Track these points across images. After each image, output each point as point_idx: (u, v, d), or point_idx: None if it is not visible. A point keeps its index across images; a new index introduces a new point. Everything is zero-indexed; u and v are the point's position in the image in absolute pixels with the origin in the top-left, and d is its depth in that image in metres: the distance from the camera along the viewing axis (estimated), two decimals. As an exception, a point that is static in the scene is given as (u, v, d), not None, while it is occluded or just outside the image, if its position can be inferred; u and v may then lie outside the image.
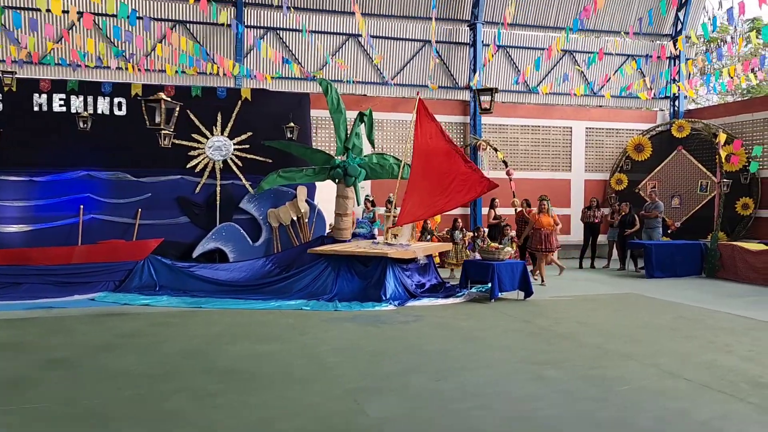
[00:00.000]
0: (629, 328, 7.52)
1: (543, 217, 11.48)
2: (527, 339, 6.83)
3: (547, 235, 11.40)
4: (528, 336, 6.99)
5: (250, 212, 11.51)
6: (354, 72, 15.19)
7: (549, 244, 11.44)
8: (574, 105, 17.14)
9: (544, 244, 11.39)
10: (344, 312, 8.47)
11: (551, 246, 11.50)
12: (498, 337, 6.92)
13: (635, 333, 7.21)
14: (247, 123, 11.43)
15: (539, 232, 11.42)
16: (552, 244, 11.49)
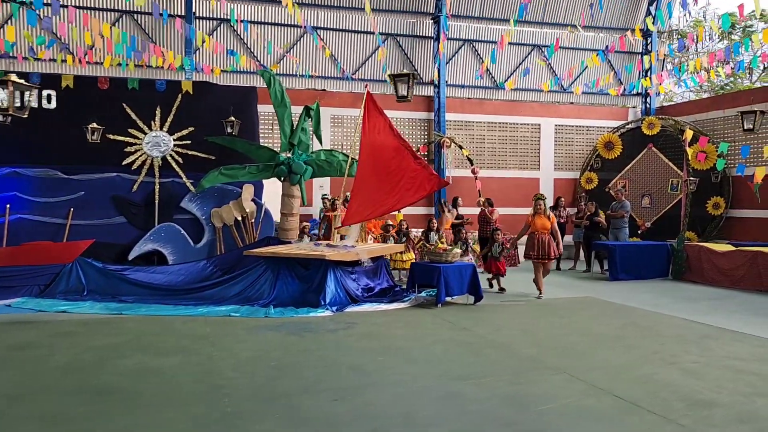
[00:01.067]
0: (573, 336, 6.99)
1: (537, 219, 9.75)
2: (457, 350, 6.28)
3: (542, 241, 9.67)
4: (459, 346, 6.44)
5: (191, 212, 10.90)
6: (313, 66, 14.62)
7: (544, 251, 9.66)
8: (543, 101, 16.65)
9: (538, 251, 9.70)
10: (275, 319, 7.89)
11: (547, 253, 9.67)
12: (426, 347, 6.37)
13: (577, 342, 6.68)
14: (189, 117, 10.82)
15: (533, 237, 9.79)
16: (550, 251, 9.68)
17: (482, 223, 12.93)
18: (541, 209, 9.81)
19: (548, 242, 9.69)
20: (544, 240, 9.68)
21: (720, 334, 7.14)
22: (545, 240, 9.69)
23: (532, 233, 9.84)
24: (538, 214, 9.81)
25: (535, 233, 9.76)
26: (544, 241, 9.67)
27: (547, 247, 9.67)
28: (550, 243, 9.70)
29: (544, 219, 9.77)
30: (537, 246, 9.68)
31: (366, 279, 9.91)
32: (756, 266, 10.65)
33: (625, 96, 17.25)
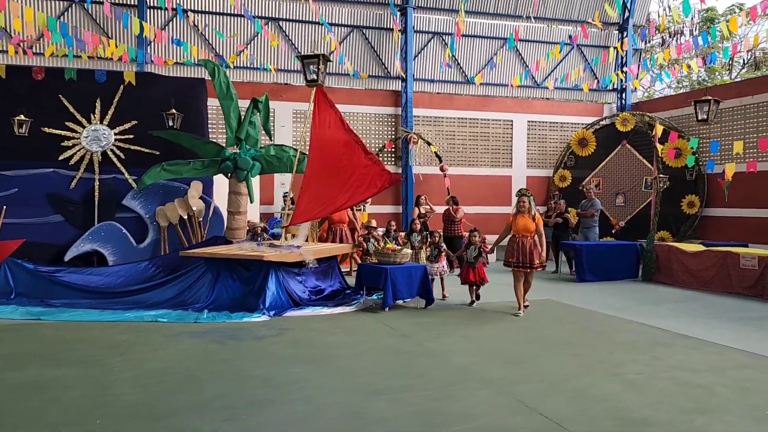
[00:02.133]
0: (519, 343, 6.51)
1: (520, 219, 8.14)
2: (388, 359, 5.77)
3: (523, 245, 8.03)
4: (392, 355, 5.93)
5: (135, 210, 10.33)
6: (275, 59, 14.07)
7: (525, 258, 8.03)
8: (515, 97, 16.16)
9: (518, 257, 8.07)
10: (204, 324, 7.35)
11: (528, 260, 8.04)
12: (355, 356, 5.86)
13: (521, 350, 6.19)
14: (132, 110, 10.25)
15: (513, 240, 8.18)
16: (532, 258, 8.04)
17: (446, 223, 12.42)
18: (525, 207, 8.09)
19: (530, 247, 8.01)
20: (525, 244, 8.02)
21: (675, 340, 6.67)
22: (527, 245, 8.02)
23: (513, 236, 8.19)
24: (521, 213, 8.13)
25: (516, 236, 8.12)
26: (525, 246, 8.02)
27: (528, 253, 8.01)
28: (533, 249, 8.04)
29: (527, 219, 8.05)
30: (517, 251, 8.07)
31: (315, 281, 9.40)
32: (726, 267, 10.21)
33: (600, 92, 16.81)
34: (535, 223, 8.12)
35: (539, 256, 8.10)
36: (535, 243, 8.08)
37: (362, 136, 14.69)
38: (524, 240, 8.06)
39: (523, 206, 8.12)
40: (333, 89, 14.49)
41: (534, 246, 8.07)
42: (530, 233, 8.08)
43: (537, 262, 8.07)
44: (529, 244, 8.06)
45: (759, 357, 5.97)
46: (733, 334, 7.03)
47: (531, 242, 8.07)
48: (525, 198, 8.16)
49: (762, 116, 12.97)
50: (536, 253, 8.06)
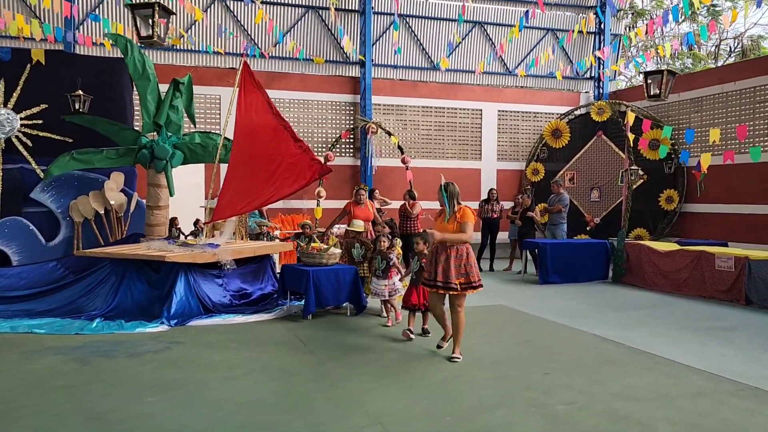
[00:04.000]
0: (438, 362, 5.50)
1: (438, 224, 5.66)
2: (265, 386, 4.75)
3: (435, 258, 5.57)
4: (275, 379, 4.91)
5: (45, 204, 9.30)
6: (223, 42, 13.00)
7: (440, 274, 5.47)
8: (485, 84, 15.12)
9: (431, 272, 5.59)
10: (86, 337, 6.33)
11: (447, 277, 5.48)
12: (229, 381, 4.84)
13: (437, 371, 5.19)
14: (41, 92, 9.21)
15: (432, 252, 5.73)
16: (451, 273, 5.46)
17: (402, 219, 11.42)
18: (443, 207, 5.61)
19: (452, 262, 5.42)
20: (441, 259, 5.46)
21: (628, 357, 5.68)
22: (448, 257, 5.43)
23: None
24: (440, 216, 5.66)
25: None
26: (440, 260, 5.46)
27: (449, 268, 5.41)
28: (452, 263, 5.42)
29: (447, 225, 5.49)
30: (432, 265, 5.58)
31: (240, 283, 8.39)
32: (699, 269, 9.23)
33: (577, 80, 15.79)
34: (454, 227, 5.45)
35: (470, 272, 5.50)
36: (463, 254, 5.48)
37: (317, 125, 13.69)
38: (447, 251, 5.45)
39: (441, 205, 5.61)
40: (285, 75, 13.48)
41: (454, 260, 5.44)
42: (457, 242, 5.46)
43: (457, 281, 5.42)
44: (453, 255, 5.45)
45: (719, 380, 4.97)
46: (697, 348, 6.04)
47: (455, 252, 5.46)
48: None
49: (744, 104, 11.99)
50: (470, 269, 5.49)
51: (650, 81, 7.98)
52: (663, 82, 7.67)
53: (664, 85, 7.71)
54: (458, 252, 5.43)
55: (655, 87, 7.81)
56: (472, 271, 5.49)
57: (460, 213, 5.50)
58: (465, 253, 5.47)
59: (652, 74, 8.06)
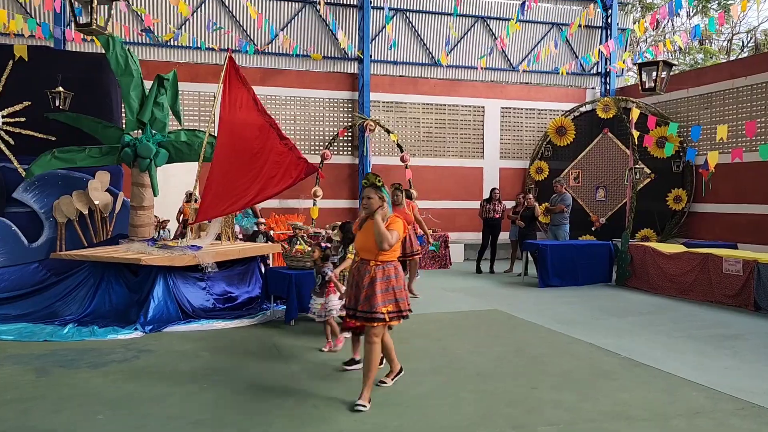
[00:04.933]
0: (420, 372, 5.15)
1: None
2: (229, 398, 4.44)
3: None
4: (236, 393, 4.60)
5: (28, 204, 9.04)
6: (218, 39, 12.71)
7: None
8: (488, 81, 14.72)
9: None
10: (52, 344, 6.05)
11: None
12: (186, 397, 4.53)
13: (414, 383, 4.84)
14: (24, 89, 8.94)
15: None
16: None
17: (398, 219, 11.07)
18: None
19: (378, 285, 4.32)
20: (365, 282, 4.36)
21: (624, 369, 5.30)
22: (373, 279, 4.34)
23: None
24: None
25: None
26: (363, 283, 4.37)
27: (375, 294, 4.30)
28: (377, 287, 4.31)
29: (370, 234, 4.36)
30: (352, 288, 4.49)
31: (225, 286, 8.09)
32: (706, 272, 8.81)
33: (583, 76, 15.35)
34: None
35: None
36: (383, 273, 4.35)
37: (315, 122, 13.37)
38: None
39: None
40: (282, 71, 13.17)
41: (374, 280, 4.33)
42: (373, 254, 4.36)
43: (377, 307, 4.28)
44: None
45: (719, 397, 4.59)
46: (698, 359, 5.65)
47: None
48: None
49: (756, 100, 11.51)
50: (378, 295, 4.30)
51: (645, 74, 7.52)
52: (658, 75, 7.22)
53: (660, 78, 7.26)
54: (385, 272, 4.30)
55: (650, 81, 7.36)
56: (402, 297, 4.35)
57: (390, 224, 4.29)
58: (393, 274, 4.34)
59: (647, 66, 7.58)
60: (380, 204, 4.28)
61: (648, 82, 7.45)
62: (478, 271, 11.73)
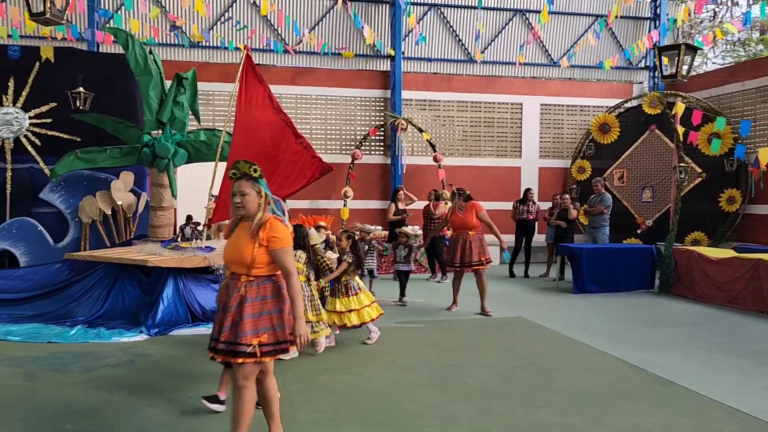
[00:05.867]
0: (417, 386, 4.78)
1: None
2: (202, 413, 4.19)
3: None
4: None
5: (54, 204, 9.15)
6: (245, 38, 12.62)
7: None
8: (526, 77, 14.13)
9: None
10: (56, 347, 5.98)
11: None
12: (170, 404, 4.31)
13: (407, 398, 4.48)
14: (51, 91, 9.05)
15: None
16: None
17: (426, 221, 10.72)
18: None
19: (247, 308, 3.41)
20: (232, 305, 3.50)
21: (646, 387, 4.78)
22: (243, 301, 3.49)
23: None
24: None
25: None
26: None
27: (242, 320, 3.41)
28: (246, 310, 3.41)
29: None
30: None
31: (241, 289, 7.89)
32: (757, 279, 8.07)
33: (630, 70, 14.56)
34: None
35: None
36: None
37: (346, 122, 13.12)
38: None
39: None
40: (312, 70, 12.98)
41: None
42: None
43: None
44: None
45: (754, 424, 4.05)
46: (737, 379, 5.06)
47: None
48: None
49: (820, 92, 10.57)
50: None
51: (667, 59, 6.83)
52: (680, 60, 6.54)
53: (681, 63, 6.57)
54: (260, 291, 3.26)
55: (671, 66, 6.69)
56: (280, 324, 3.27)
57: (270, 229, 3.26)
58: (272, 293, 3.29)
59: (667, 50, 6.84)
60: (260, 203, 3.32)
61: (670, 68, 6.79)
62: (511, 275, 11.22)
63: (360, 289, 6.05)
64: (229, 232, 3.44)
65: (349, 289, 5.99)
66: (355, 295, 5.98)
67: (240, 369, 3.21)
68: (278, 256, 3.24)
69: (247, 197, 3.28)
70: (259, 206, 3.29)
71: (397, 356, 5.68)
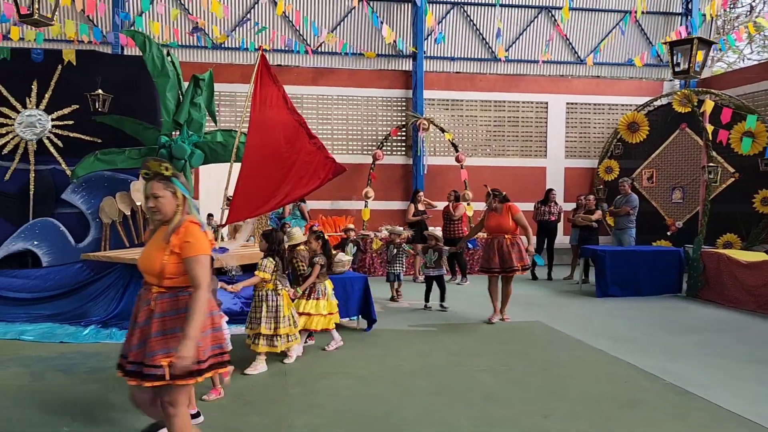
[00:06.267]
0: (420, 393, 4.66)
1: None
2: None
3: None
4: (206, 408, 4.30)
5: (76, 205, 9.26)
6: (269, 39, 12.64)
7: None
8: (552, 75, 13.83)
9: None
10: (69, 346, 6.06)
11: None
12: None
13: (408, 405, 4.36)
14: (73, 93, 9.15)
15: None
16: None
17: (445, 222, 10.58)
18: None
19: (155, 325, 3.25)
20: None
21: (660, 396, 4.57)
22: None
23: None
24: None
25: None
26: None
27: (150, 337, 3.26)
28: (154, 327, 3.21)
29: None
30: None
31: (255, 290, 7.87)
32: (789, 284, 7.72)
33: (660, 67, 14.14)
34: None
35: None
36: None
37: (367, 122, 13.04)
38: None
39: None
40: (333, 70, 12.93)
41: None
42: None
43: None
44: None
45: (771, 440, 3.82)
46: (757, 388, 4.82)
47: None
48: None
49: None
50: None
51: (677, 53, 6.49)
52: (692, 55, 6.21)
53: (693, 58, 6.24)
54: (172, 305, 2.94)
55: (684, 61, 6.36)
56: (199, 343, 2.89)
57: (184, 234, 2.93)
58: (185, 307, 2.89)
59: (678, 45, 6.46)
60: (177, 205, 3.00)
61: (683, 63, 6.46)
62: (534, 277, 10.98)
63: (324, 295, 5.82)
64: (147, 238, 3.11)
65: (313, 293, 5.77)
66: (315, 300, 5.76)
67: (168, 394, 2.90)
68: (188, 264, 2.86)
69: (161, 200, 2.95)
70: (177, 208, 2.98)
71: (404, 360, 5.56)
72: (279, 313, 5.21)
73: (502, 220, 7.25)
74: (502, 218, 7.27)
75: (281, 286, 5.31)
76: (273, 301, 5.23)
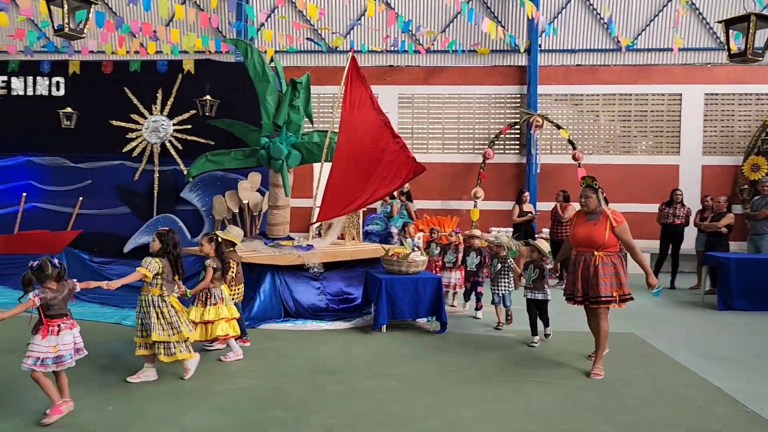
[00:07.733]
0: (447, 411, 4.44)
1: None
2: (207, 414, 4.28)
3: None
4: (224, 409, 4.42)
5: (192, 202, 10.08)
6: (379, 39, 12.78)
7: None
8: (686, 64, 12.51)
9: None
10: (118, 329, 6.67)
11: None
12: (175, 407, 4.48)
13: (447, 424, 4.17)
14: (191, 99, 9.98)
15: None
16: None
17: (553, 224, 10.03)
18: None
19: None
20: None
21: (735, 427, 3.94)
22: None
23: None
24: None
25: None
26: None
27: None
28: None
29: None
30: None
31: (343, 287, 8.03)
32: None
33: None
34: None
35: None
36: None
37: (479, 120, 12.74)
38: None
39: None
40: (444, 68, 12.78)
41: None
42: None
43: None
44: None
45: None
46: None
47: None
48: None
49: None
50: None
51: (734, 33, 5.27)
52: (749, 34, 5.00)
53: (750, 39, 5.02)
54: None
55: (742, 41, 5.18)
56: None
57: None
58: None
59: (734, 23, 5.13)
60: None
61: (740, 44, 5.29)
62: (655, 286, 10.00)
63: (221, 299, 5.46)
64: None
65: (209, 298, 5.42)
66: (213, 305, 5.40)
67: None
68: None
69: None
70: None
71: (455, 367, 5.34)
72: (171, 319, 4.80)
73: (593, 232, 5.17)
74: (596, 229, 5.16)
75: (167, 291, 4.83)
76: (159, 307, 4.78)
